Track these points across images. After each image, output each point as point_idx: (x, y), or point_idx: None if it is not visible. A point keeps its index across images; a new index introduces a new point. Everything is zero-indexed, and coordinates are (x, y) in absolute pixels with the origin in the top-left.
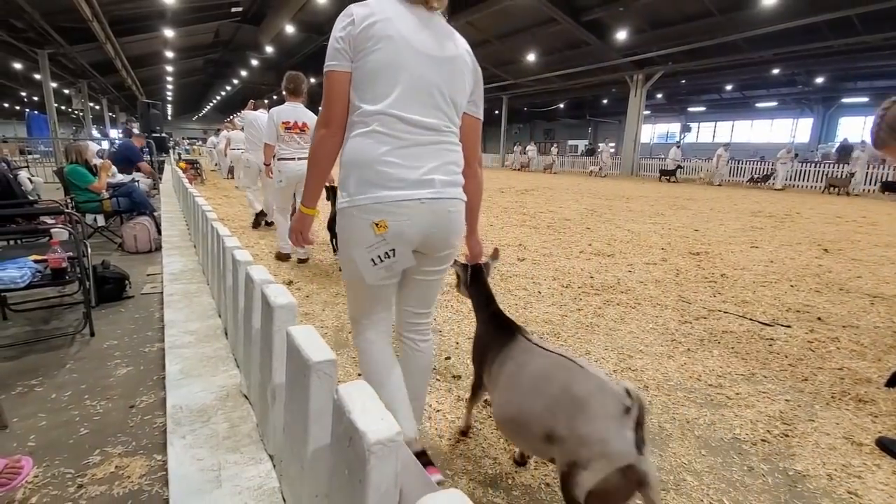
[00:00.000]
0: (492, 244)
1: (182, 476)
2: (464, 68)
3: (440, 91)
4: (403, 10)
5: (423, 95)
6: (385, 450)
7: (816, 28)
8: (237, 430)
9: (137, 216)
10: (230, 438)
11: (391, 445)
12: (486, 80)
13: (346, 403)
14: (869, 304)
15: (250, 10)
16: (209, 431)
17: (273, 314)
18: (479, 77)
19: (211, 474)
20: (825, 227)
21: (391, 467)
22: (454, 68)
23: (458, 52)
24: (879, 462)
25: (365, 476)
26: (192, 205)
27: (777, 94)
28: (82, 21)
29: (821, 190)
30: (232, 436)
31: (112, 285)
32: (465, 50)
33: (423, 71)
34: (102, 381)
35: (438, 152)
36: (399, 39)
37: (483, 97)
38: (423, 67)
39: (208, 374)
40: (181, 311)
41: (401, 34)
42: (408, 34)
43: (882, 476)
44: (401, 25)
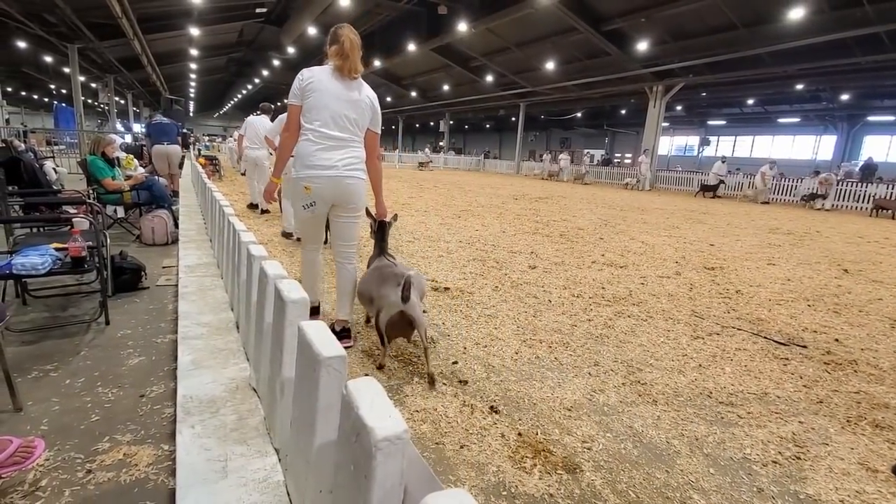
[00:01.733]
0: (503, 251)
1: (189, 465)
2: (365, 107)
3: (348, 118)
4: (330, 76)
5: (338, 119)
6: (391, 447)
7: (844, 44)
8: (245, 423)
9: (156, 209)
10: (238, 430)
11: (398, 443)
12: (505, 87)
13: (354, 399)
14: (889, 327)
15: (274, 11)
16: (217, 422)
17: (286, 308)
18: (376, 109)
19: (217, 465)
20: (846, 247)
21: (397, 464)
22: (358, 107)
23: (362, 97)
24: (895, 490)
25: (370, 472)
26: (210, 199)
27: (800, 111)
28: (112, 18)
29: (868, 212)
30: (239, 428)
31: (128, 276)
32: (367, 95)
33: (337, 107)
34: (115, 369)
35: (344, 151)
36: (325, 91)
37: (380, 121)
38: (338, 106)
39: (219, 366)
40: (195, 303)
41: (327, 88)
42: (331, 88)
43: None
44: (327, 83)
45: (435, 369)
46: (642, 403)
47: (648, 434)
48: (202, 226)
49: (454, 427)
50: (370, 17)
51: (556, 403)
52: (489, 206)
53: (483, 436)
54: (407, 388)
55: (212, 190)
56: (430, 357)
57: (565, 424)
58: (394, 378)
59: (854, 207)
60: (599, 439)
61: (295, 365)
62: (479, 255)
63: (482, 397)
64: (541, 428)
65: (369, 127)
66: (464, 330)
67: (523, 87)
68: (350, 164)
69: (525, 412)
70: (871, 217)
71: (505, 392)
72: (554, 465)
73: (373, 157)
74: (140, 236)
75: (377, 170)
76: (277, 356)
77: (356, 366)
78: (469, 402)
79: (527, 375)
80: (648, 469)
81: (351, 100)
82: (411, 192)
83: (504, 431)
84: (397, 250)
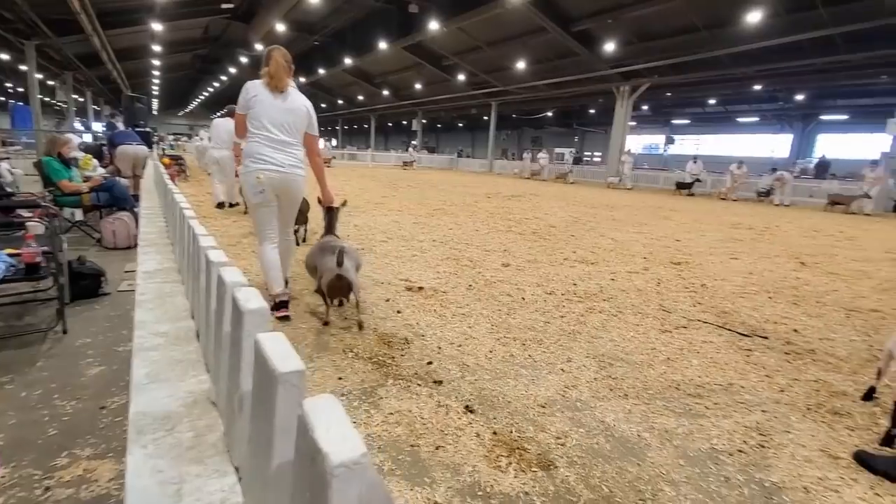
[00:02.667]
0: (477, 249)
1: (140, 489)
2: (301, 114)
3: (287, 124)
4: (266, 90)
5: (278, 125)
6: (348, 472)
7: (799, 46)
8: (203, 440)
9: (117, 211)
10: (194, 448)
11: (355, 468)
12: (476, 86)
13: (310, 419)
14: (845, 317)
15: (241, 7)
16: (173, 441)
17: (243, 319)
18: (312, 116)
19: (171, 487)
20: (803, 241)
21: (354, 491)
22: (295, 114)
23: (298, 106)
24: (857, 476)
25: (326, 501)
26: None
27: (758, 110)
28: (70, 13)
29: (822, 208)
30: (196, 445)
31: (88, 282)
32: (303, 104)
33: (276, 115)
34: (74, 380)
35: (287, 152)
36: (265, 102)
37: (317, 125)
38: (276, 114)
39: (176, 379)
40: (152, 311)
41: (266, 100)
42: (269, 100)
43: (860, 490)
44: (265, 96)
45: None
46: (614, 398)
47: (620, 428)
48: (164, 229)
49: (429, 428)
50: (340, 14)
51: (530, 401)
52: (462, 204)
53: (458, 436)
54: (381, 391)
55: (172, 191)
56: (361, 309)
57: (539, 421)
58: (367, 381)
59: (804, 202)
60: (573, 435)
61: (252, 379)
62: (452, 254)
63: (457, 397)
64: (515, 426)
65: (307, 131)
66: (438, 330)
67: (495, 86)
68: (292, 163)
69: (500, 411)
70: (826, 211)
71: (480, 391)
72: (528, 463)
73: (313, 156)
74: (101, 240)
75: (319, 165)
76: (236, 369)
77: (329, 369)
78: (444, 402)
79: (501, 374)
80: (620, 463)
81: (287, 109)
82: (384, 192)
83: (479, 431)
84: (370, 250)
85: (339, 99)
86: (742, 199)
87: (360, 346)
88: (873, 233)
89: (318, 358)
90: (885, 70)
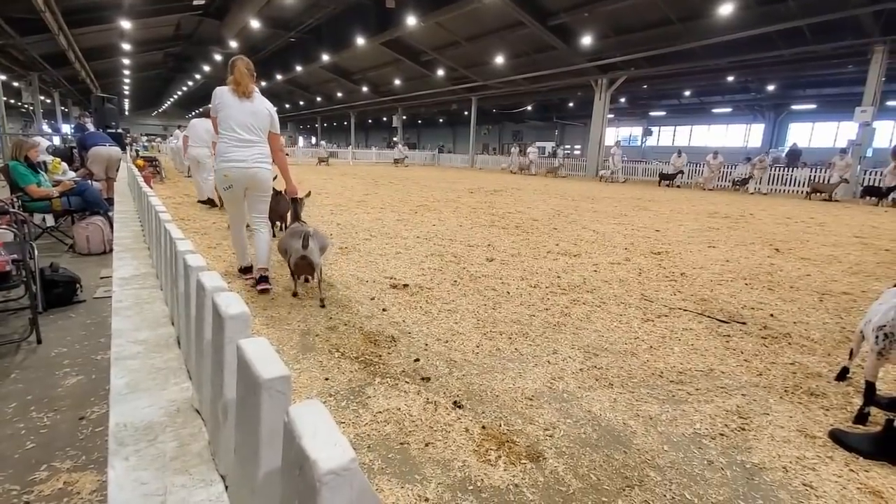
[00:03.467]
0: (461, 244)
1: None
2: (263, 116)
3: (252, 125)
4: (232, 95)
5: (243, 127)
6: (338, 479)
7: (769, 38)
8: (187, 449)
9: (90, 216)
10: (178, 458)
11: (345, 474)
12: (456, 81)
13: (296, 427)
14: (818, 301)
15: (213, 4)
16: (155, 451)
17: (224, 325)
18: (274, 117)
19: (155, 500)
20: (776, 228)
21: (344, 498)
22: (258, 116)
23: (261, 109)
24: (832, 454)
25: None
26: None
27: (731, 101)
28: (34, 11)
29: (796, 194)
30: (181, 455)
31: (61, 289)
32: (266, 107)
33: (242, 118)
34: (50, 391)
35: (252, 149)
36: (231, 106)
37: (278, 125)
38: (242, 117)
39: (157, 388)
40: (130, 318)
41: (232, 104)
42: (234, 104)
43: (835, 468)
44: (231, 101)
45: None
46: (599, 388)
47: (606, 417)
48: (139, 233)
49: (418, 425)
50: (316, 9)
51: (517, 394)
52: (445, 200)
53: (447, 432)
54: (369, 390)
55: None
56: (322, 287)
57: (527, 414)
58: (355, 381)
59: (782, 190)
60: (560, 426)
61: (236, 386)
62: (436, 250)
63: (445, 393)
64: (504, 419)
65: (271, 130)
66: (424, 326)
67: (474, 81)
68: (257, 158)
69: (488, 405)
70: (807, 200)
71: (468, 386)
72: (518, 455)
73: (277, 152)
74: (74, 245)
75: (282, 161)
76: (218, 376)
77: (316, 370)
78: (432, 398)
79: (488, 368)
80: (607, 451)
81: (251, 111)
82: (367, 189)
83: (468, 426)
84: (354, 248)
85: (318, 96)
86: (718, 188)
87: (346, 345)
88: (842, 218)
89: (304, 359)
90: (851, 60)
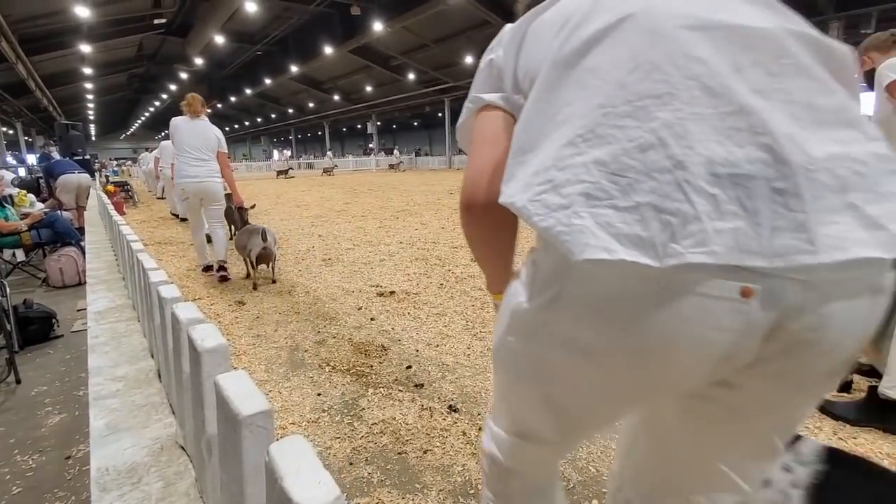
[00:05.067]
0: (445, 247)
1: None
2: (211, 137)
3: (202, 146)
4: (186, 121)
5: (194, 148)
6: None
7: None
8: (173, 489)
9: (62, 247)
10: (165, 500)
11: None
12: (428, 84)
13: (278, 467)
14: None
15: (175, 22)
16: (140, 495)
17: (200, 359)
18: (220, 138)
19: None
20: None
21: None
22: (207, 138)
23: (209, 132)
24: (821, 424)
25: None
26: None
27: None
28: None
29: None
30: (167, 496)
31: (37, 325)
32: (214, 132)
33: (193, 141)
34: (33, 432)
35: (203, 167)
36: (183, 131)
37: (225, 145)
38: (193, 140)
39: (139, 426)
40: (108, 354)
41: (184, 129)
42: (187, 129)
43: (824, 437)
44: (184, 126)
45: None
46: None
47: None
48: (113, 263)
49: (415, 433)
50: (281, 21)
51: None
52: (426, 203)
53: (445, 437)
54: (363, 402)
55: (118, 223)
56: (275, 272)
57: None
58: (347, 394)
59: None
60: None
61: (217, 422)
62: (421, 255)
63: (440, 398)
64: None
65: (219, 150)
66: (414, 332)
67: (446, 82)
68: (207, 174)
69: (483, 406)
70: None
71: (462, 389)
72: None
73: (224, 168)
74: (47, 279)
75: (229, 176)
76: (199, 411)
77: (307, 387)
78: (427, 405)
79: (481, 369)
80: (604, 442)
81: (202, 136)
82: (346, 198)
83: (465, 429)
84: (337, 259)
85: (290, 108)
86: None
87: (336, 358)
88: None
89: (294, 376)
90: None
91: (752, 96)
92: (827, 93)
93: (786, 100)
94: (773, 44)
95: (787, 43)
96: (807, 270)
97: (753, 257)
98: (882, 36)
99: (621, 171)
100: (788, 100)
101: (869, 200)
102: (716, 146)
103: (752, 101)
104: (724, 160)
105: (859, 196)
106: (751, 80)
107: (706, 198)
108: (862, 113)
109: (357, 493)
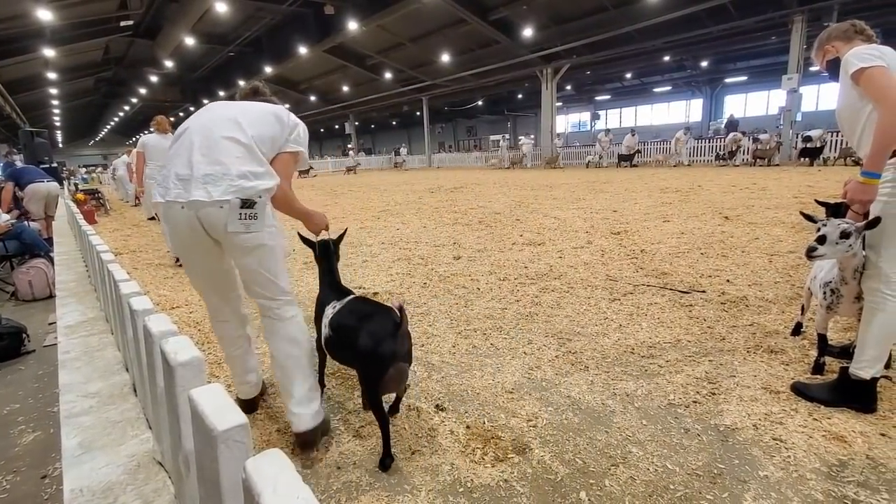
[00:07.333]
0: (427, 246)
1: None
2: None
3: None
4: (157, 137)
5: (160, 158)
6: None
7: (697, 17)
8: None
9: (31, 259)
10: None
11: None
12: (404, 83)
13: (254, 483)
14: (768, 261)
15: (142, 24)
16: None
17: (174, 373)
18: None
19: None
20: (724, 197)
21: None
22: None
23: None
24: (796, 406)
25: None
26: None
27: (670, 79)
28: None
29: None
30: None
31: (6, 342)
32: None
33: (160, 153)
34: (7, 451)
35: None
36: (154, 146)
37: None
38: (160, 152)
39: (114, 444)
40: (80, 370)
41: (155, 145)
42: (157, 144)
43: (800, 419)
44: (155, 142)
45: None
46: (576, 371)
47: (585, 400)
48: (84, 274)
49: (402, 435)
50: (253, 21)
51: (498, 389)
52: (406, 202)
53: (433, 436)
54: (349, 405)
55: (88, 234)
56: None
57: (509, 407)
58: (333, 398)
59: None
60: (542, 415)
61: (193, 438)
62: (403, 255)
63: (426, 398)
64: (487, 416)
65: None
66: None
67: (423, 80)
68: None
69: (470, 404)
70: (751, 167)
71: (448, 388)
72: (504, 450)
73: None
74: (15, 293)
75: None
76: (176, 426)
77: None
78: (414, 405)
79: (466, 367)
80: (590, 433)
81: (166, 147)
82: (326, 199)
83: (452, 427)
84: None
85: None
86: (698, 164)
87: None
88: (782, 181)
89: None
90: (774, 31)
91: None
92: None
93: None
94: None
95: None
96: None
97: (181, 197)
98: (843, 26)
99: None
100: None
101: (197, 186)
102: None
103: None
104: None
105: (200, 183)
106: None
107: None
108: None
109: (346, 498)
